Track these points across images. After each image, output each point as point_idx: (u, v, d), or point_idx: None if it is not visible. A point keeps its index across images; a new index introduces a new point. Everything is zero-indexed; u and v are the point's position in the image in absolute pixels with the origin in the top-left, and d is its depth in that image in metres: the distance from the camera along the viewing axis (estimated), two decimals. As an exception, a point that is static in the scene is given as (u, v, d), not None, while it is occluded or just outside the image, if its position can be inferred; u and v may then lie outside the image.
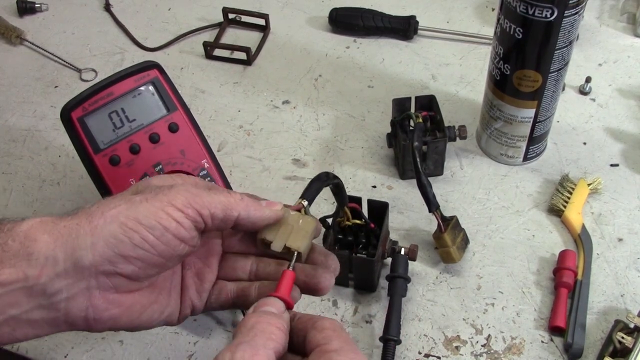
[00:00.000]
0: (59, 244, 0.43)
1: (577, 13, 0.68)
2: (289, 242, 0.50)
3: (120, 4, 1.08)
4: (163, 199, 0.46)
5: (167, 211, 0.45)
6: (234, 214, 0.48)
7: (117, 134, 0.65)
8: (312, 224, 0.51)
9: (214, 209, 0.47)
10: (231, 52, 0.99)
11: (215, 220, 0.47)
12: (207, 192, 0.48)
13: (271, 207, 0.50)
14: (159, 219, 0.45)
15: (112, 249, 0.44)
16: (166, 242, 0.45)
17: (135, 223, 0.44)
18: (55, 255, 0.43)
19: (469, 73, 0.95)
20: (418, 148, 0.74)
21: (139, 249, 0.44)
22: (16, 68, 0.99)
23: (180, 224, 0.45)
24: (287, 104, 0.92)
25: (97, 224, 0.44)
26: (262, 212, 0.49)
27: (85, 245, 0.43)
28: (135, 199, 0.46)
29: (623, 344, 0.64)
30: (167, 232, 0.45)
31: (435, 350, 0.68)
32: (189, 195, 0.46)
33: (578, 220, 0.76)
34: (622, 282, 0.72)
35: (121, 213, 0.45)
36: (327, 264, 0.51)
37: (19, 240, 0.43)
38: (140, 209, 0.45)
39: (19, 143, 0.89)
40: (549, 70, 0.73)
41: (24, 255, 0.43)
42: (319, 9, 1.05)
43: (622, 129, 0.86)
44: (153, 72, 0.67)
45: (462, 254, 0.72)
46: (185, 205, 0.46)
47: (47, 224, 0.44)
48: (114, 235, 0.44)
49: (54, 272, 0.43)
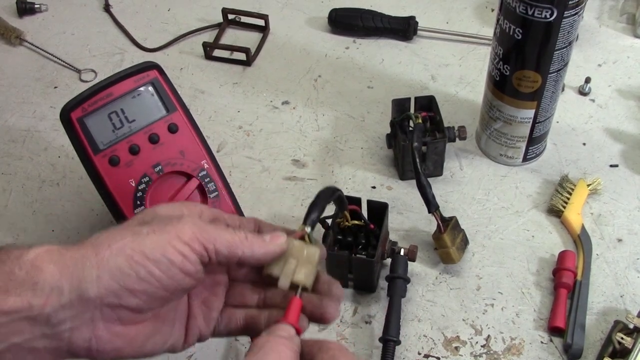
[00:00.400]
0: (65, 275, 0.43)
1: (576, 13, 0.68)
2: (295, 277, 0.50)
3: (119, 4, 1.08)
4: (171, 231, 0.46)
5: (174, 245, 0.45)
6: (238, 253, 0.48)
7: (116, 135, 0.65)
8: (317, 253, 0.51)
9: (219, 246, 0.47)
10: (231, 53, 0.99)
11: (219, 256, 0.47)
12: (214, 227, 0.48)
13: (275, 241, 0.50)
14: (165, 253, 0.45)
15: (117, 282, 0.44)
16: (172, 276, 0.45)
17: (142, 256, 0.44)
18: (60, 286, 0.43)
19: (468, 74, 0.95)
20: (417, 149, 0.74)
21: (144, 282, 0.45)
22: (16, 68, 0.99)
23: (186, 257, 0.45)
24: (286, 105, 0.92)
25: (103, 256, 0.44)
26: (266, 249, 0.49)
27: (91, 277, 0.44)
28: (142, 231, 0.46)
29: (622, 345, 0.64)
30: (173, 266, 0.45)
31: (435, 350, 0.68)
32: (196, 229, 0.46)
33: (577, 221, 0.76)
34: (622, 283, 0.72)
35: (127, 245, 0.45)
36: (332, 292, 0.52)
37: (25, 269, 0.43)
38: (147, 242, 0.45)
39: (18, 143, 0.89)
40: (548, 71, 0.73)
41: (30, 285, 0.43)
42: (319, 9, 1.05)
43: (621, 129, 0.86)
44: (152, 72, 0.67)
45: (461, 255, 0.72)
46: (191, 239, 0.46)
47: (53, 254, 0.44)
48: (119, 268, 0.44)
49: (58, 303, 0.43)
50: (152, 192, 0.66)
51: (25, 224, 0.80)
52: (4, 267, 0.43)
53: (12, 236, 0.79)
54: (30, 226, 0.80)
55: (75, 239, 0.78)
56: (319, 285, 0.52)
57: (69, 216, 0.81)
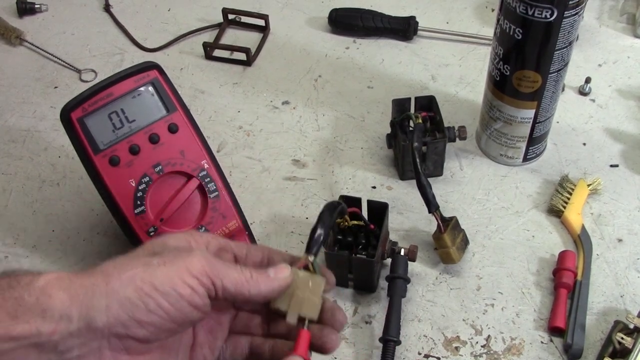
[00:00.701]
0: (75, 303, 0.44)
1: (576, 14, 0.68)
2: (303, 311, 0.51)
3: (119, 4, 1.08)
4: (180, 264, 0.46)
5: (183, 278, 0.46)
6: (244, 293, 0.49)
7: (116, 135, 0.65)
8: (323, 283, 0.52)
9: (227, 283, 0.48)
10: (231, 53, 0.99)
11: (226, 293, 0.48)
12: (222, 263, 0.48)
13: (279, 274, 0.51)
14: (175, 286, 0.45)
15: (126, 313, 0.44)
16: (180, 309, 0.46)
17: (151, 288, 0.45)
18: (69, 314, 0.43)
19: (468, 74, 0.95)
20: (418, 149, 0.74)
21: (152, 314, 0.45)
22: (16, 69, 0.99)
23: (194, 291, 0.46)
24: (286, 105, 0.92)
25: (113, 285, 0.45)
26: (272, 286, 0.50)
27: (100, 306, 0.44)
28: (153, 262, 0.46)
29: (623, 345, 0.64)
30: (181, 299, 0.46)
31: (435, 350, 0.68)
32: (205, 263, 0.47)
33: (578, 221, 0.76)
34: (622, 283, 0.72)
35: (138, 276, 0.45)
36: (334, 319, 0.52)
37: (35, 296, 0.43)
38: (157, 274, 0.45)
39: (18, 144, 0.89)
40: (548, 71, 0.73)
41: (39, 311, 0.43)
42: (319, 9, 1.05)
43: (621, 129, 0.86)
44: (153, 72, 0.67)
45: (461, 255, 0.72)
46: (201, 273, 0.46)
47: (63, 281, 0.44)
48: (129, 299, 0.44)
49: (67, 330, 0.43)
50: (152, 192, 0.66)
51: (26, 224, 0.80)
52: (13, 292, 0.43)
53: (12, 236, 0.79)
54: (31, 226, 0.80)
55: (76, 239, 0.78)
56: (322, 313, 0.52)
57: (69, 216, 0.81)
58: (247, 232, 0.71)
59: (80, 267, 0.76)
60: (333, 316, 0.52)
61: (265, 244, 0.76)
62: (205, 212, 0.68)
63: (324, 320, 0.52)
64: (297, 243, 0.77)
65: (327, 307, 0.53)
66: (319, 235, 0.54)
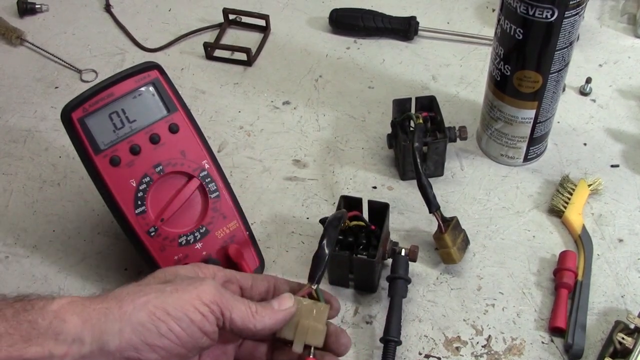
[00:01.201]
0: (87, 327, 0.45)
1: (577, 14, 0.68)
2: (308, 339, 0.53)
3: (120, 4, 1.08)
4: (192, 291, 0.48)
5: (195, 304, 0.47)
6: (250, 327, 0.50)
7: (117, 135, 0.65)
8: (326, 311, 0.54)
9: (235, 316, 0.49)
10: (231, 53, 0.99)
11: (233, 326, 0.50)
12: (231, 295, 0.50)
13: (282, 305, 0.52)
14: (187, 312, 0.47)
15: (138, 337, 0.46)
16: (191, 334, 0.47)
17: (164, 313, 0.46)
18: (82, 337, 0.44)
19: (469, 74, 0.95)
20: (418, 149, 0.74)
21: (164, 338, 0.46)
22: (16, 69, 0.99)
23: (205, 317, 0.48)
24: (287, 105, 0.92)
25: (126, 310, 0.46)
26: (276, 318, 0.51)
27: (113, 330, 0.45)
28: (166, 289, 0.48)
29: (623, 345, 0.64)
30: (193, 324, 0.47)
31: (436, 351, 0.68)
32: (216, 293, 0.49)
33: (578, 221, 0.76)
34: (623, 283, 0.72)
35: (150, 302, 0.46)
36: (339, 344, 0.54)
37: (49, 319, 0.44)
38: (169, 300, 0.47)
39: (19, 144, 0.89)
40: (549, 71, 0.73)
41: (52, 335, 0.44)
42: (320, 9, 1.05)
43: (622, 129, 0.86)
44: (153, 72, 0.67)
45: (462, 255, 0.72)
46: (211, 301, 0.48)
47: (77, 305, 0.46)
48: (142, 323, 0.46)
49: (79, 353, 0.44)
50: (153, 192, 0.66)
51: (26, 224, 0.80)
52: (27, 316, 0.44)
53: (13, 236, 0.79)
54: (31, 226, 0.80)
55: (76, 239, 0.78)
56: (327, 338, 0.54)
57: (69, 216, 0.81)
58: (248, 232, 0.71)
59: (80, 268, 0.76)
60: (337, 340, 0.54)
61: (266, 242, 0.76)
62: (205, 212, 0.68)
63: (329, 344, 0.54)
64: (298, 243, 0.77)
65: (332, 332, 0.54)
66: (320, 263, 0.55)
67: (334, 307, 0.55)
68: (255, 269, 0.71)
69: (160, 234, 0.66)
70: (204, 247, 0.68)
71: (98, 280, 0.74)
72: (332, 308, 0.55)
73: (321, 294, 0.54)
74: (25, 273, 0.75)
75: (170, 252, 0.67)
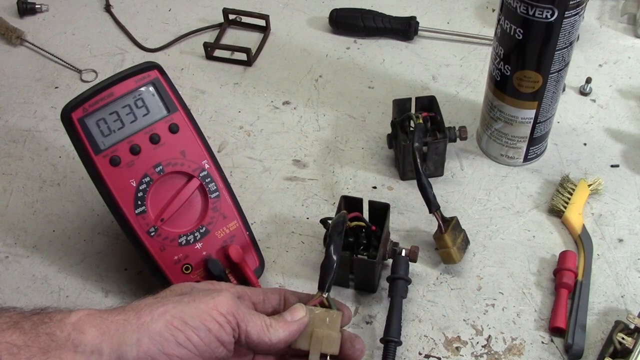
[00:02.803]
0: (106, 338, 0.45)
1: (577, 14, 0.68)
2: (324, 348, 0.53)
3: (120, 4, 1.08)
4: (209, 302, 0.49)
5: (212, 314, 0.48)
6: (266, 340, 0.51)
7: (117, 135, 0.65)
8: (339, 317, 0.54)
9: (251, 329, 0.50)
10: (231, 53, 0.99)
11: (248, 340, 0.50)
12: (247, 309, 0.51)
13: (295, 316, 0.53)
14: (204, 321, 0.48)
15: (156, 347, 0.46)
16: (208, 344, 0.48)
17: (181, 322, 0.47)
18: (101, 349, 0.45)
19: (469, 74, 0.95)
20: (418, 149, 0.74)
21: (182, 347, 0.47)
22: (16, 69, 0.99)
23: (222, 327, 0.48)
24: (287, 105, 0.92)
25: (144, 320, 0.46)
26: (290, 330, 0.52)
27: (131, 341, 0.45)
28: (184, 300, 0.49)
29: (623, 345, 0.64)
30: (210, 333, 0.48)
31: (436, 351, 0.68)
32: (233, 305, 0.50)
33: (578, 221, 0.76)
34: (623, 283, 0.72)
35: (169, 312, 0.47)
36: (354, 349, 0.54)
37: (67, 332, 0.45)
38: (187, 310, 0.48)
39: (19, 144, 0.89)
40: (549, 71, 0.73)
41: (71, 347, 0.44)
42: (319, 9, 1.05)
43: (622, 129, 0.86)
44: (153, 72, 0.67)
45: (462, 255, 0.72)
46: (228, 312, 0.49)
47: (95, 318, 0.46)
48: (159, 333, 0.46)
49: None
50: (153, 192, 0.66)
51: (26, 224, 0.80)
52: (45, 328, 0.44)
53: (13, 236, 0.79)
54: (31, 226, 0.80)
55: (76, 239, 0.78)
56: (342, 344, 0.54)
57: (69, 216, 0.81)
58: (248, 233, 0.71)
59: (80, 268, 0.76)
60: (353, 346, 0.55)
61: (266, 242, 0.76)
62: (205, 212, 0.68)
63: (344, 350, 0.54)
64: (298, 243, 0.77)
65: (346, 338, 0.55)
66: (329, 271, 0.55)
67: (346, 314, 0.56)
68: (255, 269, 0.71)
69: (160, 234, 0.66)
70: (204, 247, 0.68)
71: (98, 280, 0.74)
72: (344, 315, 0.55)
73: (332, 302, 0.55)
74: (25, 273, 0.75)
75: (170, 252, 0.67)
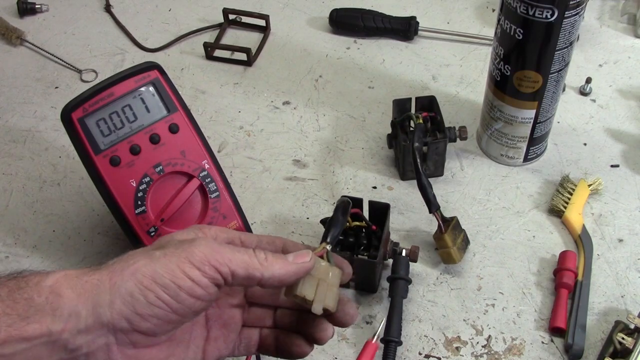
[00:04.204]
0: (82, 300, 0.44)
1: (577, 14, 0.68)
2: (326, 302, 0.50)
3: (120, 4, 1.08)
4: (181, 255, 0.46)
5: (184, 269, 0.45)
6: (256, 275, 0.47)
7: (117, 135, 0.65)
8: (340, 275, 0.52)
9: (235, 267, 0.47)
10: (231, 53, 0.99)
11: (236, 278, 0.47)
12: (229, 248, 0.47)
13: (299, 259, 0.49)
14: (174, 278, 0.45)
15: (128, 307, 0.45)
16: (181, 301, 0.46)
17: (151, 281, 0.45)
18: (78, 311, 0.44)
19: (469, 74, 0.95)
20: (418, 149, 0.74)
21: (154, 307, 0.45)
22: (16, 69, 0.99)
23: (195, 282, 0.46)
24: (287, 105, 0.92)
25: (115, 281, 0.45)
26: (288, 269, 0.49)
27: (105, 302, 0.44)
28: (155, 254, 0.46)
29: (623, 345, 0.64)
30: (181, 290, 0.45)
31: (436, 351, 0.68)
32: (209, 251, 0.46)
33: (578, 221, 0.76)
34: (623, 283, 0.72)
35: (139, 270, 0.45)
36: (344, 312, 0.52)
37: (45, 295, 0.44)
38: (157, 266, 0.45)
39: (19, 144, 0.89)
40: (549, 71, 0.73)
41: (49, 311, 0.43)
42: (320, 9, 1.05)
43: (622, 129, 0.86)
44: (153, 72, 0.67)
45: (462, 255, 0.72)
46: (202, 262, 0.46)
47: (71, 279, 0.45)
48: (130, 293, 0.45)
49: (76, 328, 0.44)
50: (153, 192, 0.66)
51: (26, 224, 0.80)
52: (23, 294, 0.44)
53: (13, 236, 0.79)
54: (31, 226, 0.80)
55: (76, 240, 0.78)
56: None
57: (69, 216, 0.81)
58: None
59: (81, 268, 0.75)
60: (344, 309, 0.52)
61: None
62: (206, 212, 0.68)
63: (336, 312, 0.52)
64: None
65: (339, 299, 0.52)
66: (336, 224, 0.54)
67: (346, 271, 0.53)
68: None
69: (160, 234, 0.66)
70: (204, 247, 0.68)
71: (98, 280, 0.74)
72: (344, 273, 0.52)
73: (332, 258, 0.52)
74: (25, 273, 0.75)
75: (170, 252, 0.67)
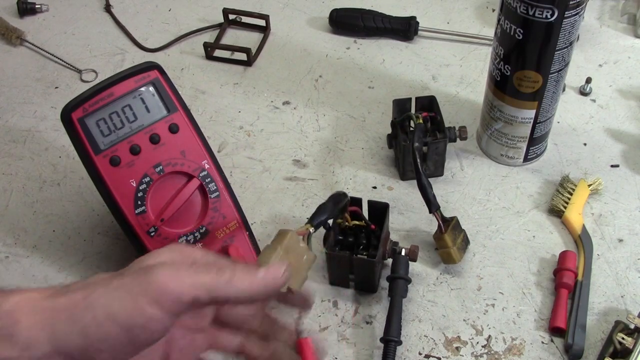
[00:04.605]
0: (40, 328, 0.43)
1: (577, 14, 0.68)
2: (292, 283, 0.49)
3: (120, 4, 1.08)
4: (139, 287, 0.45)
5: (139, 304, 0.44)
6: (221, 295, 0.46)
7: (117, 135, 0.65)
8: (313, 261, 0.52)
9: (197, 292, 0.45)
10: (231, 53, 0.99)
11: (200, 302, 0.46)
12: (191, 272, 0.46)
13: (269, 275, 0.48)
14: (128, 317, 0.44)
15: (84, 340, 0.44)
16: (135, 336, 0.45)
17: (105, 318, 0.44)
18: (36, 338, 0.43)
19: (469, 74, 0.95)
20: (418, 149, 0.74)
21: (109, 340, 0.44)
22: (16, 69, 0.99)
23: (150, 317, 0.44)
24: (287, 105, 0.92)
25: (73, 312, 0.44)
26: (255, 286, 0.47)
27: (62, 332, 0.44)
28: (112, 284, 0.45)
29: (623, 345, 0.64)
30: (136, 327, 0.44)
31: (436, 351, 0.68)
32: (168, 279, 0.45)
33: (578, 221, 0.76)
34: (623, 283, 0.72)
35: (95, 303, 0.44)
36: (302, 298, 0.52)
37: (4, 320, 0.43)
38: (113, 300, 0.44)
39: (19, 144, 0.89)
40: (549, 71, 0.73)
41: (6, 336, 0.43)
42: (320, 9, 1.05)
43: (622, 129, 0.86)
44: (153, 72, 0.67)
45: (462, 255, 0.72)
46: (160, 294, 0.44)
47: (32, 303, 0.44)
48: (86, 326, 0.44)
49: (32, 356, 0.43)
50: (153, 192, 0.66)
51: (26, 224, 0.80)
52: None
53: (13, 236, 0.79)
54: (31, 226, 0.80)
55: (76, 240, 0.78)
56: None
57: (69, 216, 0.81)
58: (248, 233, 0.71)
59: (80, 268, 0.76)
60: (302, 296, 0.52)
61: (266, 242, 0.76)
62: (205, 212, 0.68)
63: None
64: (298, 243, 0.77)
65: None
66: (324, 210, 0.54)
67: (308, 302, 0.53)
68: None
69: (160, 234, 0.66)
70: (203, 247, 0.68)
71: (98, 280, 0.74)
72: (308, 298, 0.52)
73: (311, 242, 0.54)
74: (25, 273, 0.75)
75: (170, 252, 0.67)
